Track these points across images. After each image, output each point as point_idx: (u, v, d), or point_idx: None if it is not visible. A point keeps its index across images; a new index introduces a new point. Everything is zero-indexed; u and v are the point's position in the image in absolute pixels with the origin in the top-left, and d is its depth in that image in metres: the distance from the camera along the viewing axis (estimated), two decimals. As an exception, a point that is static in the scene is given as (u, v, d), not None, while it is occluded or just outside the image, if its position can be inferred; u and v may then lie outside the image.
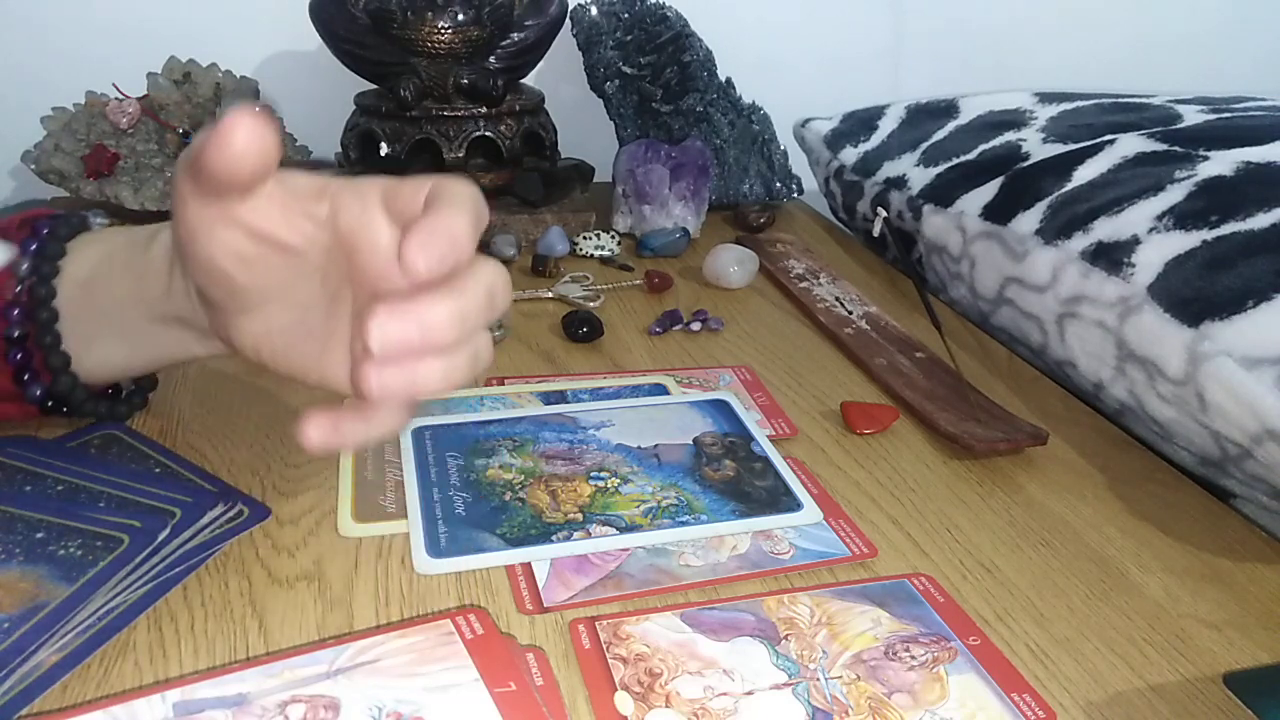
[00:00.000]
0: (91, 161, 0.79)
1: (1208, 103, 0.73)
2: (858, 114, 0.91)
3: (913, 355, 0.60)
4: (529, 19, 0.82)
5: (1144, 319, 0.51)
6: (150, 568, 0.37)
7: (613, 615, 0.36)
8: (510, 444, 0.48)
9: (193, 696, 0.31)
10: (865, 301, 0.69)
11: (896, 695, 0.33)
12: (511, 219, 0.79)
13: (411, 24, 0.77)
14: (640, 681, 0.33)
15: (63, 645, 0.33)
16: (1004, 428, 0.51)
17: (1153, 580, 0.41)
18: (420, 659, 0.33)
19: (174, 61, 0.81)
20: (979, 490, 0.47)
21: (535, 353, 0.60)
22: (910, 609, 0.38)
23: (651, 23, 0.88)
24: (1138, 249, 0.54)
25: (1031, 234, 0.61)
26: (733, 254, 0.72)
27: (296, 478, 0.45)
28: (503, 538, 0.41)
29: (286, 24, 0.90)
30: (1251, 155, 0.57)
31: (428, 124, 0.79)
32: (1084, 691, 0.34)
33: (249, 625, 0.36)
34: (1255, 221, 0.51)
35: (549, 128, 0.84)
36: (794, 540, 0.42)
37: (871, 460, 0.49)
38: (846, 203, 0.86)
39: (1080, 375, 0.57)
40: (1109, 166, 0.62)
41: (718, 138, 0.89)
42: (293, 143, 0.87)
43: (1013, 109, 0.79)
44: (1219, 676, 0.35)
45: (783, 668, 0.34)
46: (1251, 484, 0.48)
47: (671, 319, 0.65)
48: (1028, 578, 0.41)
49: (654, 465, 0.46)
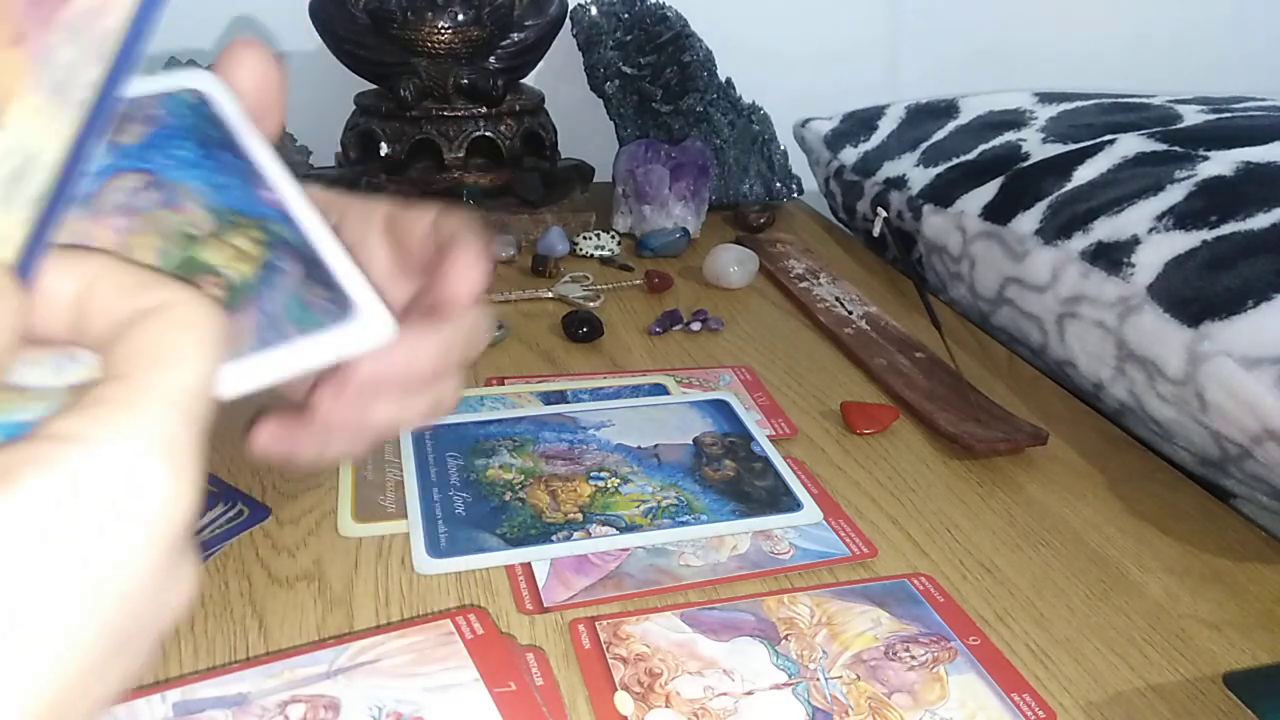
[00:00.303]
0: (91, 161, 0.78)
1: (1207, 103, 0.73)
2: (858, 114, 0.91)
3: (913, 355, 0.60)
4: (529, 19, 0.82)
5: (1144, 319, 0.51)
6: (150, 568, 0.37)
7: (613, 615, 0.36)
8: (510, 444, 0.48)
9: (193, 696, 0.31)
10: (865, 301, 0.69)
11: (896, 695, 0.33)
12: (511, 219, 0.79)
13: (411, 24, 0.77)
14: (640, 681, 0.33)
15: (63, 645, 0.33)
16: (1004, 428, 0.51)
17: (1153, 580, 0.41)
18: (420, 659, 0.33)
19: (174, 62, 0.81)
20: (979, 490, 0.47)
21: (535, 353, 0.60)
22: (910, 609, 0.38)
23: (651, 23, 0.88)
24: (1138, 249, 0.54)
25: (1031, 234, 0.61)
26: (733, 254, 0.72)
27: (296, 478, 0.45)
28: (503, 538, 0.41)
29: (286, 24, 0.90)
30: (1251, 155, 0.57)
31: (428, 124, 0.79)
32: (1084, 691, 0.34)
33: (249, 625, 0.35)
34: (1255, 221, 0.51)
35: (549, 128, 0.84)
36: (794, 540, 0.42)
37: (871, 460, 0.49)
38: (846, 203, 0.86)
39: (1080, 375, 0.57)
40: (1109, 166, 0.62)
41: (718, 138, 0.89)
42: (293, 142, 0.87)
43: (1013, 109, 0.79)
44: (1219, 676, 0.35)
45: (783, 668, 0.34)
46: (1251, 484, 0.48)
47: (671, 319, 0.65)
48: (1028, 578, 0.41)
49: (654, 465, 0.46)
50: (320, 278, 0.25)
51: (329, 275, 0.25)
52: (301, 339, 0.24)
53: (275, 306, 0.24)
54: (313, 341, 0.24)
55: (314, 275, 0.25)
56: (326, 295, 0.25)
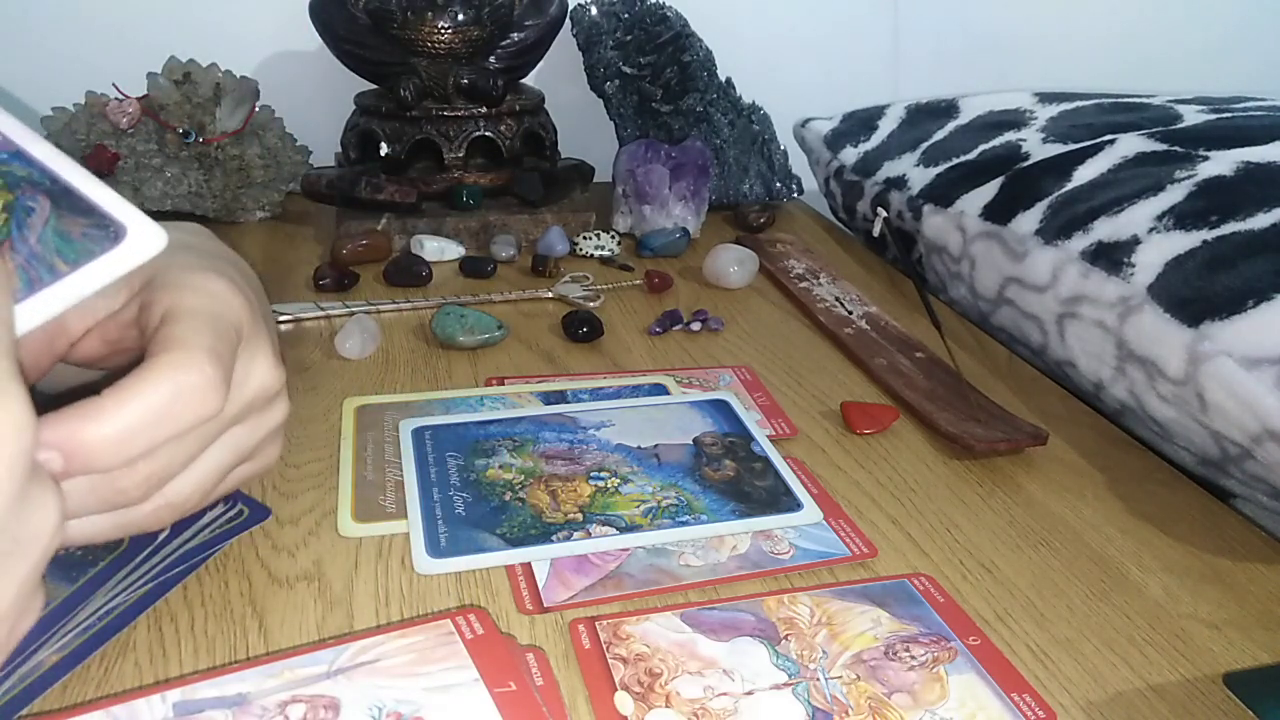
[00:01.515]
0: (92, 162, 0.79)
1: (1208, 103, 0.73)
2: (858, 114, 0.91)
3: (913, 355, 0.60)
4: (529, 19, 0.82)
5: (1144, 319, 0.51)
6: (150, 568, 0.37)
7: (613, 615, 0.36)
8: (510, 444, 0.48)
9: (193, 696, 0.31)
10: (865, 301, 0.69)
11: (896, 695, 0.33)
12: (511, 219, 0.79)
13: (411, 24, 0.77)
14: (640, 681, 0.33)
15: (63, 645, 0.33)
16: (1004, 428, 0.51)
17: (1153, 580, 0.41)
18: (420, 659, 0.33)
19: (174, 61, 0.81)
20: (979, 490, 0.47)
21: (535, 353, 0.60)
22: (910, 609, 0.38)
23: (651, 23, 0.88)
24: (1138, 249, 0.54)
25: (1031, 234, 0.61)
26: (733, 254, 0.72)
27: (296, 478, 0.45)
28: (503, 538, 0.41)
29: (286, 24, 0.90)
30: (1251, 155, 0.57)
31: (428, 124, 0.79)
32: (1084, 691, 0.34)
33: (249, 625, 0.36)
34: (1255, 221, 0.51)
35: (549, 128, 0.84)
36: (794, 540, 0.42)
37: (871, 460, 0.49)
38: (846, 203, 0.86)
39: (1080, 375, 0.57)
40: (1109, 166, 0.62)
41: (718, 138, 0.89)
42: (293, 142, 0.88)
43: (1013, 109, 0.79)
44: (1219, 676, 0.35)
45: (783, 668, 0.34)
46: (1251, 484, 0.48)
47: (671, 319, 0.65)
48: (1028, 578, 0.41)
49: (654, 465, 0.46)
50: (76, 207, 0.26)
51: (85, 203, 0.26)
52: (73, 272, 0.25)
53: (35, 245, 0.25)
54: (85, 271, 0.25)
55: (68, 206, 0.26)
56: (88, 222, 0.26)
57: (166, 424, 0.28)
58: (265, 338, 0.34)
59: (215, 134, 0.81)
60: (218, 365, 0.29)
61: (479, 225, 0.78)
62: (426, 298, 0.67)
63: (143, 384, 0.28)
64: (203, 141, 0.81)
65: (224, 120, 0.82)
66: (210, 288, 0.32)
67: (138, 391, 0.28)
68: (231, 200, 0.83)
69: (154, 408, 0.28)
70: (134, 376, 0.28)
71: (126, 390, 0.28)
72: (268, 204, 0.85)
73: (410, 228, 0.76)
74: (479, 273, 0.72)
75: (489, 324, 0.60)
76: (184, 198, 0.81)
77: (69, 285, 0.25)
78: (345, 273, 0.69)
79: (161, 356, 0.29)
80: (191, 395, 0.29)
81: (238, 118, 0.82)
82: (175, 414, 0.28)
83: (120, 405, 0.27)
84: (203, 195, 0.81)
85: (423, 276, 0.70)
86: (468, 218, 0.78)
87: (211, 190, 0.82)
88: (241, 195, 0.83)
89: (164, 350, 0.29)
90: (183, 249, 0.35)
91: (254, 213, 0.84)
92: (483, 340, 0.60)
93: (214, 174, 0.82)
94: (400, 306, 0.66)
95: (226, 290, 0.32)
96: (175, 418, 0.29)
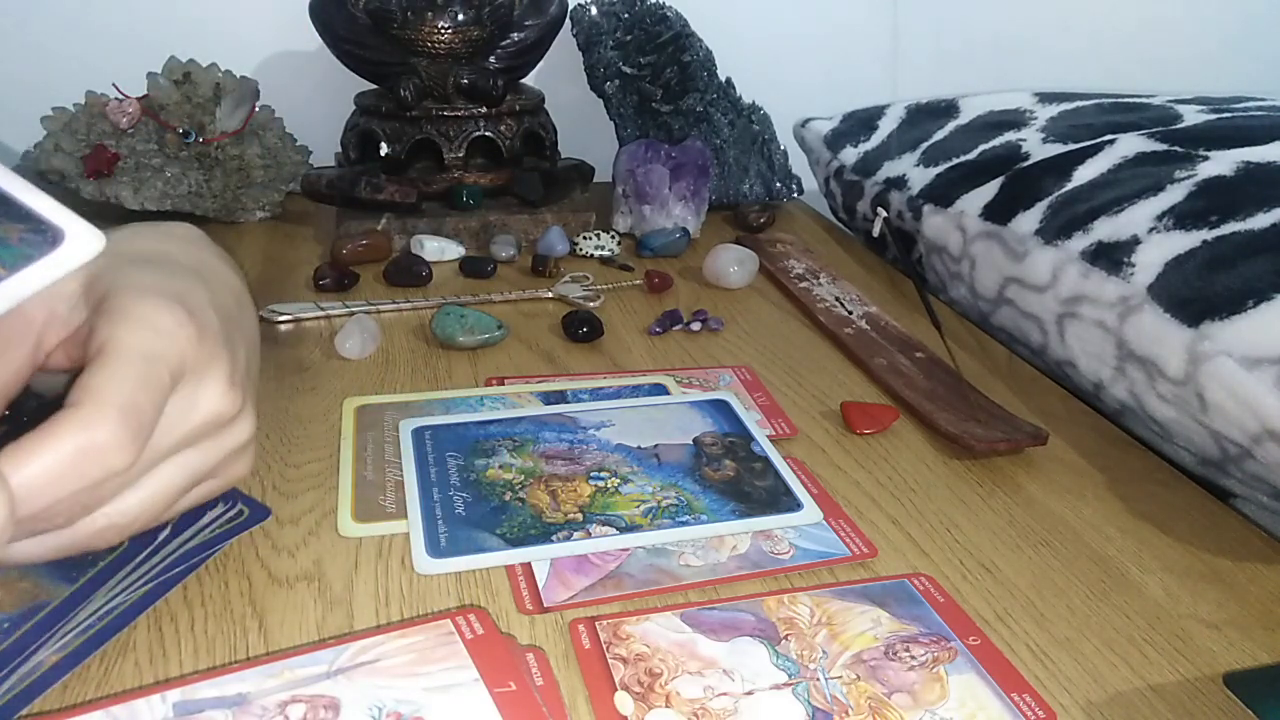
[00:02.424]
0: (92, 161, 0.79)
1: (1208, 103, 0.73)
2: (858, 114, 0.91)
3: (913, 355, 0.60)
4: (529, 19, 0.82)
5: (1144, 319, 0.51)
6: (150, 568, 0.37)
7: (613, 615, 0.36)
8: (510, 444, 0.48)
9: (193, 696, 0.31)
10: (865, 301, 0.69)
11: (896, 695, 0.33)
12: (511, 219, 0.79)
13: (411, 24, 0.77)
14: (640, 681, 0.33)
15: (63, 645, 0.33)
16: (1004, 428, 0.51)
17: (1153, 580, 0.41)
18: (420, 659, 0.33)
19: (174, 61, 0.81)
20: (979, 490, 0.47)
21: (535, 353, 0.60)
22: (910, 609, 0.38)
23: (651, 23, 0.88)
24: (1138, 249, 0.54)
25: (1031, 234, 0.61)
26: (733, 254, 0.72)
27: (296, 478, 0.45)
28: (503, 538, 0.41)
29: (286, 24, 0.90)
30: (1251, 155, 0.57)
31: (428, 124, 0.79)
32: (1084, 691, 0.34)
33: (249, 625, 0.36)
34: (1255, 221, 0.51)
35: (549, 128, 0.84)
36: (794, 540, 0.42)
37: (871, 460, 0.49)
38: (846, 203, 0.86)
39: (1080, 375, 0.57)
40: (1109, 166, 0.63)
41: (718, 138, 0.89)
42: (293, 142, 0.88)
43: (1013, 109, 0.79)
44: (1219, 676, 0.35)
45: (783, 668, 0.34)
46: (1251, 484, 0.48)
47: (671, 319, 0.65)
48: (1028, 578, 0.41)
49: (654, 465, 0.46)
50: (12, 213, 0.26)
51: (19, 208, 0.26)
52: (10, 276, 0.25)
53: None
54: (23, 275, 0.25)
55: (4, 212, 0.26)
56: (24, 228, 0.26)
57: (70, 480, 0.28)
58: (222, 361, 0.33)
59: (215, 134, 0.81)
60: (126, 423, 0.29)
61: (479, 225, 0.78)
62: (426, 298, 0.67)
63: (46, 442, 0.28)
64: (203, 141, 0.81)
65: (224, 120, 0.82)
66: (154, 320, 0.31)
67: (41, 450, 0.28)
68: (231, 200, 0.83)
69: (56, 466, 0.28)
70: (40, 432, 0.28)
71: (27, 450, 0.28)
72: (268, 204, 0.85)
73: (410, 228, 0.76)
74: (479, 273, 0.72)
75: (489, 324, 0.60)
76: (184, 198, 0.81)
77: (7, 288, 0.25)
78: (345, 273, 0.69)
79: (70, 412, 0.28)
80: (96, 454, 0.28)
81: (238, 118, 0.82)
82: (80, 471, 0.28)
83: (19, 465, 0.27)
84: (203, 195, 0.81)
85: (423, 276, 0.70)
86: (468, 218, 0.78)
87: (211, 190, 0.82)
88: (241, 195, 0.83)
89: (75, 404, 0.29)
90: (148, 265, 0.34)
91: (254, 213, 0.84)
92: (483, 340, 0.60)
93: (214, 174, 0.82)
94: (400, 306, 0.66)
95: (172, 324, 0.31)
96: (80, 474, 0.28)
